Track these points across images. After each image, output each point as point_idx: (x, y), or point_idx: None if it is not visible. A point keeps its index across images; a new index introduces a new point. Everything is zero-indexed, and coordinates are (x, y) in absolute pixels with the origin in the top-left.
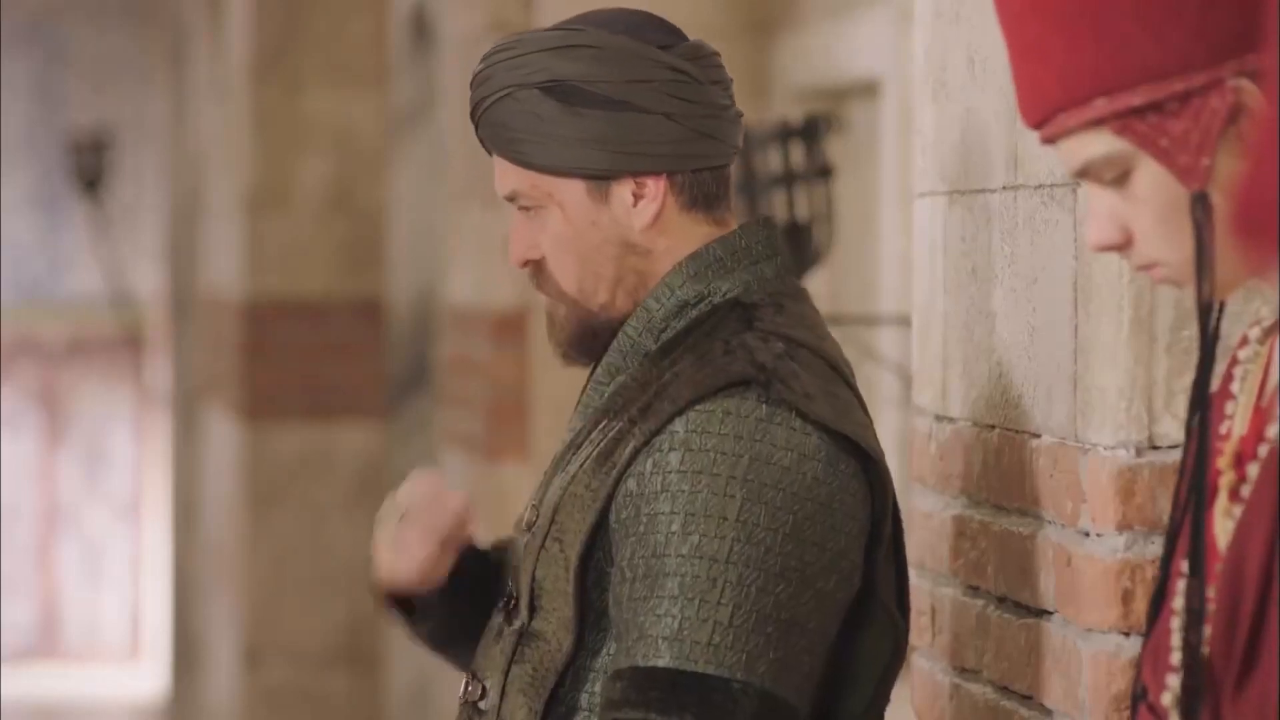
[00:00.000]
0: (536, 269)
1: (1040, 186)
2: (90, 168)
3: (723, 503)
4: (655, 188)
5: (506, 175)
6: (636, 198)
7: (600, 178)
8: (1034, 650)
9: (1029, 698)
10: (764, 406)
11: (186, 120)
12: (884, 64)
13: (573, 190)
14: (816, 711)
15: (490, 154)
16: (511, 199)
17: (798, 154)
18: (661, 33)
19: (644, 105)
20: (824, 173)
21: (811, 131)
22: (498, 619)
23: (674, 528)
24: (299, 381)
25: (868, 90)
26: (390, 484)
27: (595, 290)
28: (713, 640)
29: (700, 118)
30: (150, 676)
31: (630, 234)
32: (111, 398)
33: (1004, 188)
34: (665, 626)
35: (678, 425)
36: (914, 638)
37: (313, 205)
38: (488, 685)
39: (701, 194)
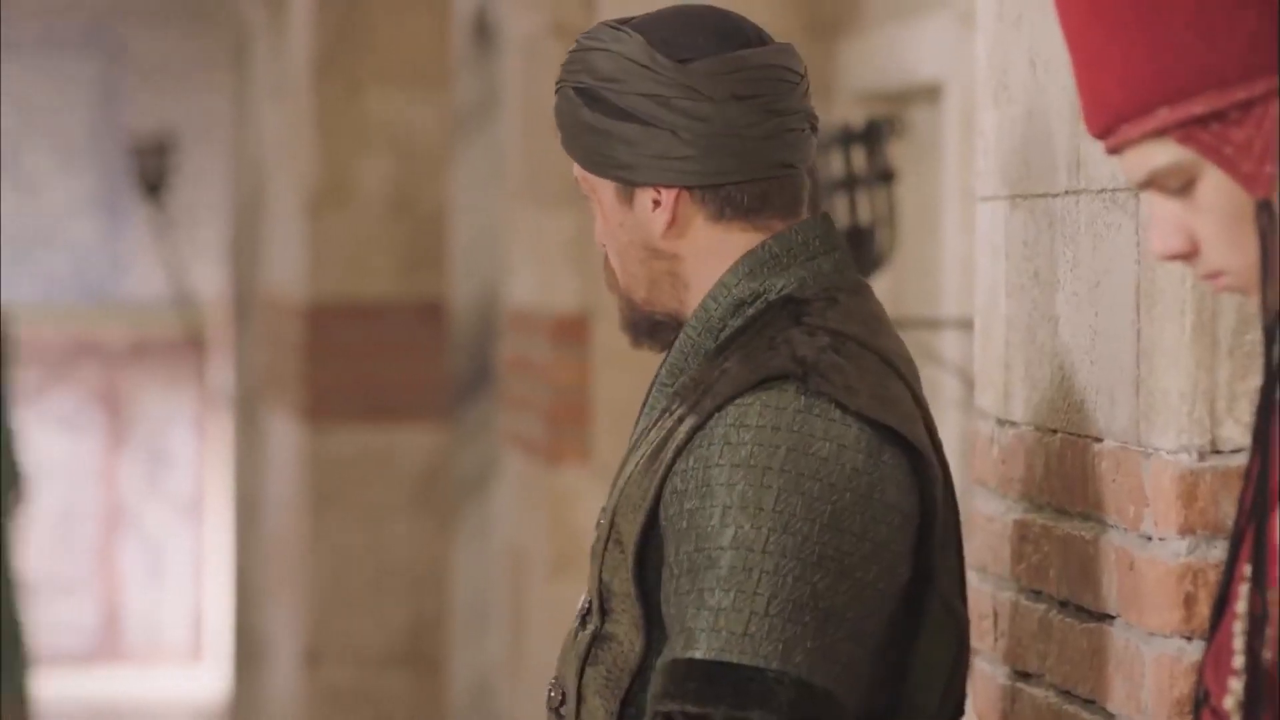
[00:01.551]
0: (606, 255)
1: (1102, 191)
2: (152, 170)
3: (760, 493)
4: (669, 198)
5: (576, 164)
6: (655, 204)
7: (625, 182)
8: (1096, 654)
9: (1091, 701)
10: (802, 398)
11: (248, 122)
12: (946, 67)
13: (606, 190)
14: (887, 707)
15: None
16: (579, 186)
17: (859, 158)
18: (704, 40)
19: (650, 119)
20: (886, 177)
21: (873, 135)
22: (575, 625)
23: (713, 521)
24: (360, 382)
25: (929, 93)
26: (450, 486)
27: (635, 286)
28: (749, 630)
29: (713, 136)
30: (211, 677)
31: (652, 239)
32: (173, 399)
33: (1066, 192)
34: (704, 618)
35: (717, 421)
36: (975, 641)
37: (374, 206)
38: (567, 691)
39: (731, 207)
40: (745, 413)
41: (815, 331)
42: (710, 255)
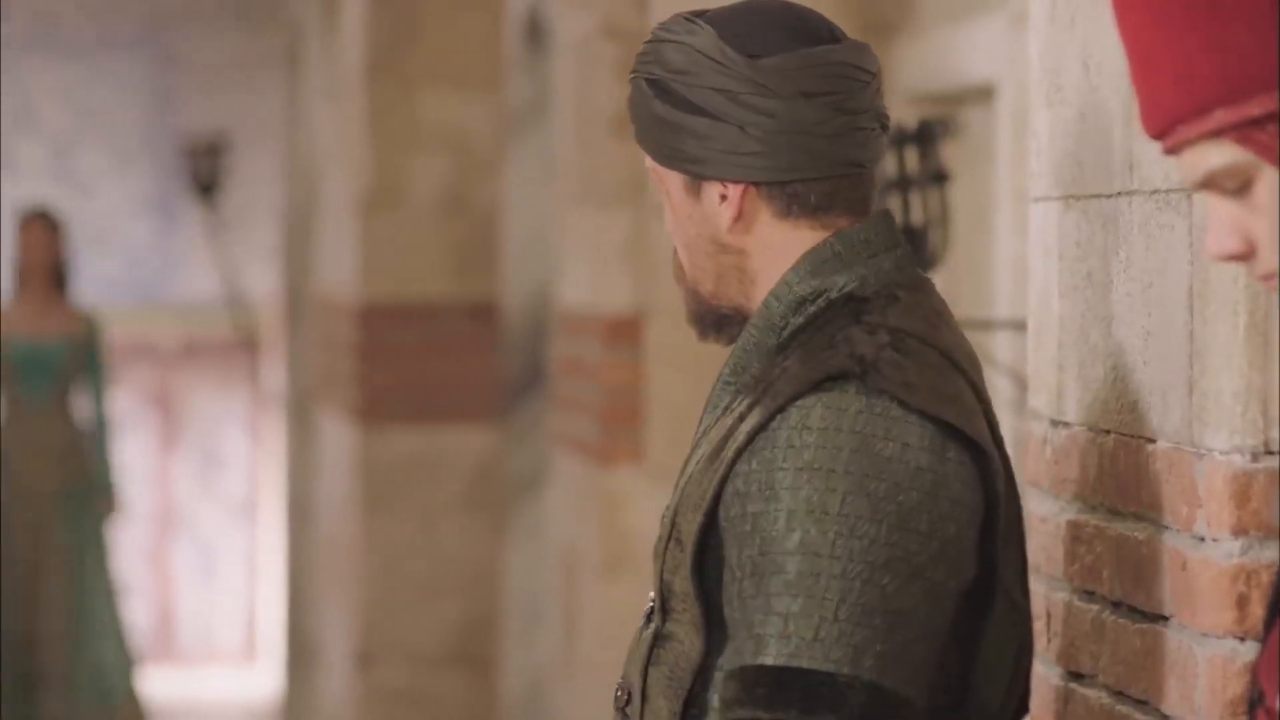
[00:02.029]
0: (674, 249)
1: (1155, 192)
2: (205, 171)
3: (825, 496)
4: (735, 193)
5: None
6: (722, 198)
7: (693, 174)
8: (1149, 654)
9: (1144, 702)
10: (863, 398)
11: (301, 123)
12: (998, 68)
13: (675, 182)
14: (953, 703)
15: None
16: (651, 177)
17: (913, 159)
18: (777, 36)
19: (719, 113)
20: (939, 177)
21: (926, 136)
22: (640, 624)
23: (778, 524)
24: (412, 383)
25: (982, 94)
26: (502, 486)
27: (702, 279)
28: (819, 635)
29: (781, 132)
30: (264, 678)
31: (719, 233)
32: (226, 400)
33: (1119, 193)
34: (772, 624)
35: (779, 422)
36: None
37: (427, 207)
38: (632, 691)
39: (798, 204)
40: (807, 414)
41: (875, 329)
42: (777, 251)
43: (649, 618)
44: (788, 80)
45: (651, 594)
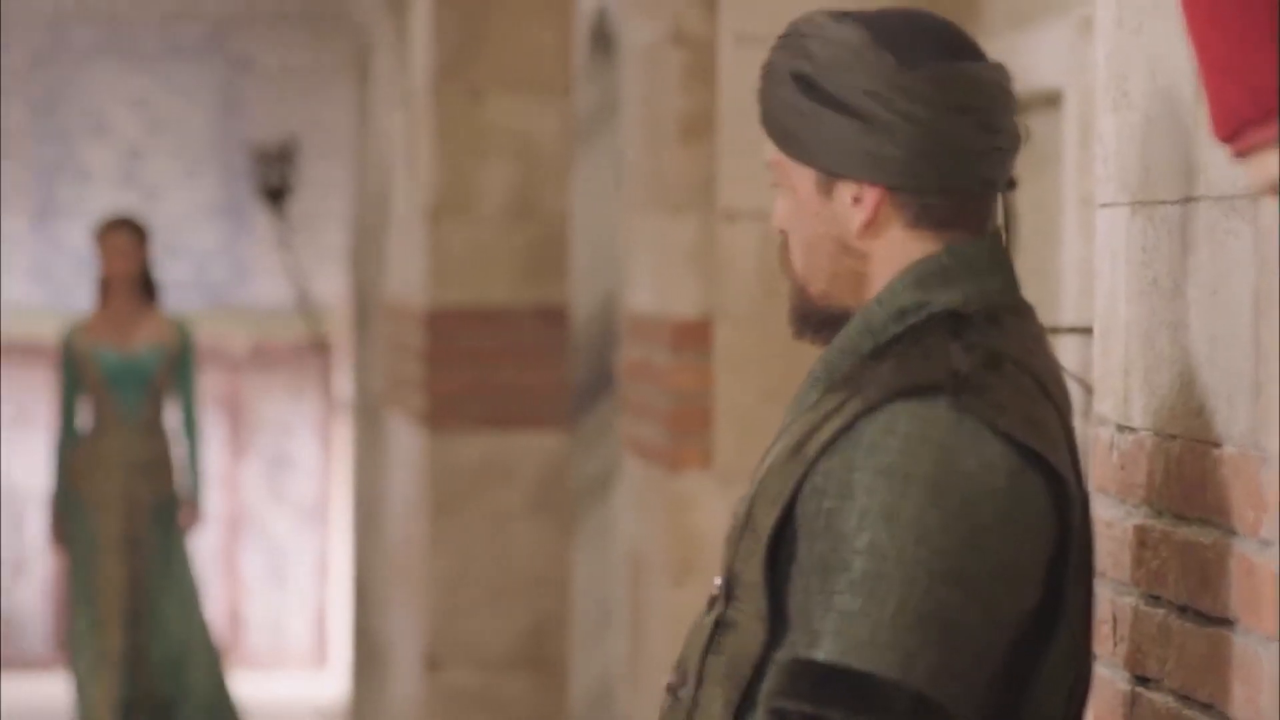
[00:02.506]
0: (784, 241)
1: (1221, 198)
2: (274, 176)
3: (900, 503)
4: (871, 197)
5: (768, 146)
6: (855, 201)
7: (828, 173)
8: (1215, 659)
9: (1210, 706)
10: (952, 413)
11: (370, 129)
12: (1065, 74)
13: (805, 178)
14: None
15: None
16: (770, 169)
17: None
18: (930, 46)
19: (869, 116)
20: (1006, 184)
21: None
22: (703, 610)
23: (851, 524)
24: (481, 388)
25: (1048, 100)
26: (571, 491)
27: (815, 278)
28: (874, 637)
29: (927, 142)
30: (334, 681)
31: (847, 235)
32: (295, 404)
33: (1185, 198)
34: (830, 620)
35: (865, 424)
36: (1095, 646)
37: (495, 213)
38: (689, 674)
39: (928, 216)
40: (894, 419)
41: (973, 348)
42: (896, 260)
43: (712, 604)
44: (940, 91)
45: (717, 580)
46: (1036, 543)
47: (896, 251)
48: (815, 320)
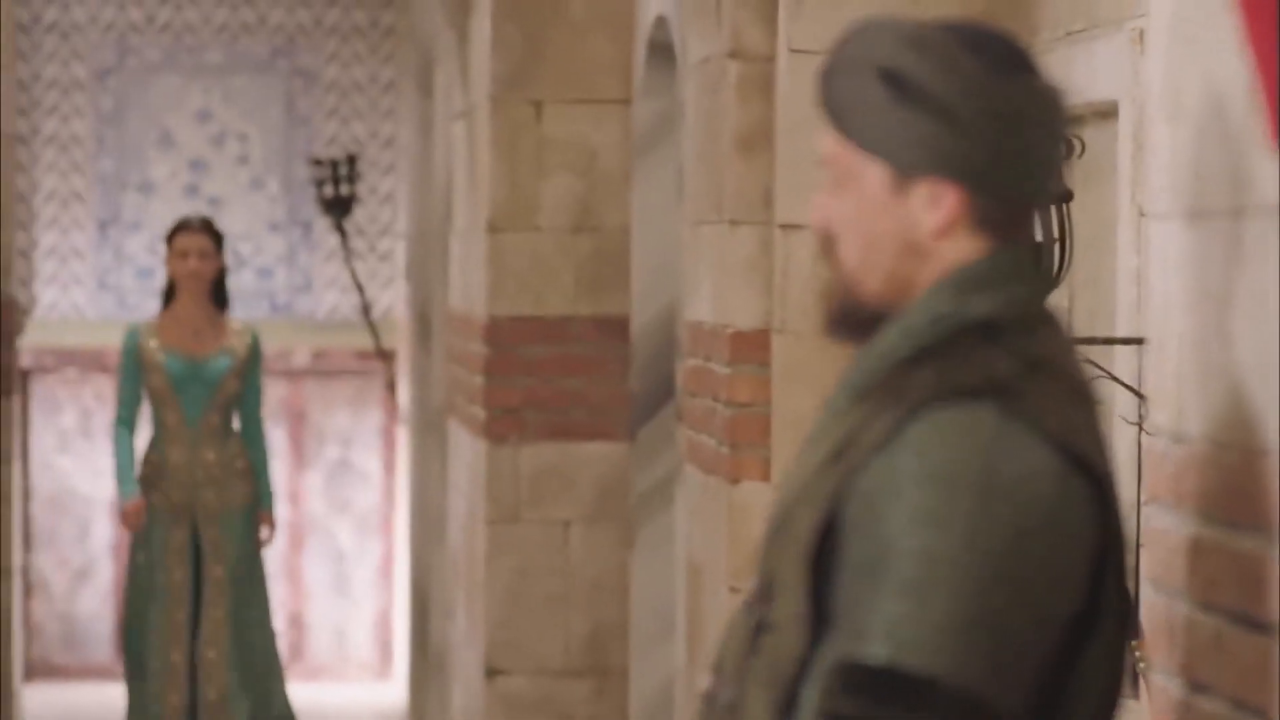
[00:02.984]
0: (827, 239)
1: (1273, 208)
2: (336, 189)
3: (950, 507)
4: (951, 198)
5: (827, 138)
6: (932, 201)
7: (905, 171)
8: (1269, 667)
9: (1262, 714)
10: (998, 417)
11: (431, 141)
12: (1119, 86)
13: (876, 174)
14: None
15: (822, 114)
16: (826, 163)
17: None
18: (1013, 56)
19: (959, 116)
20: (1061, 196)
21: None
22: (740, 613)
23: (900, 528)
24: (541, 398)
25: (1103, 112)
26: (631, 501)
27: (869, 277)
28: (924, 640)
29: (1011, 148)
30: (396, 690)
31: (917, 234)
32: (357, 414)
33: (1237, 209)
34: (881, 623)
35: (910, 429)
36: (1149, 654)
37: (556, 224)
38: (727, 677)
39: (990, 221)
40: (940, 424)
41: (1013, 353)
42: (954, 264)
43: (749, 607)
44: (1026, 100)
45: (754, 583)
46: (1081, 544)
47: (958, 255)
48: (858, 321)
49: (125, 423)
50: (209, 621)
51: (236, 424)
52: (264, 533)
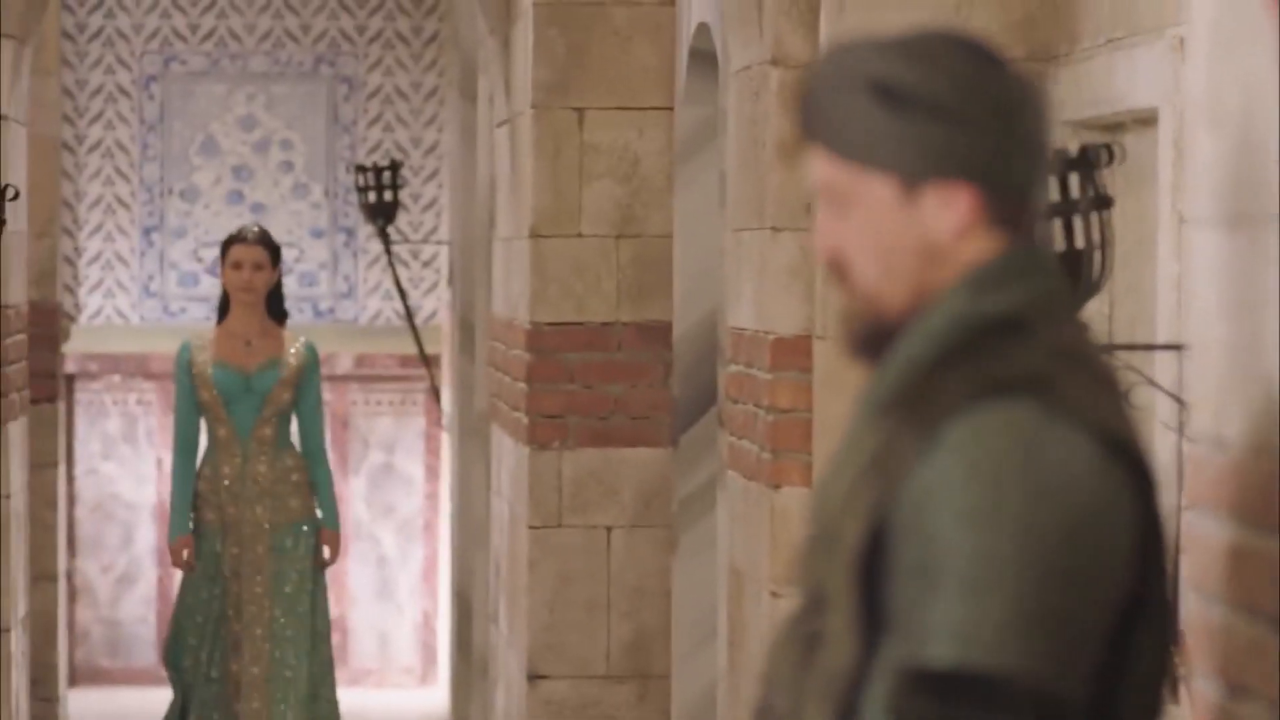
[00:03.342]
0: (838, 265)
1: None
2: (380, 195)
3: (1000, 505)
4: (965, 197)
5: (820, 164)
6: (946, 204)
7: (913, 178)
8: None
9: None
10: (1038, 411)
11: (474, 147)
12: (1160, 94)
13: (882, 188)
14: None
15: (809, 142)
16: (822, 190)
17: (1075, 184)
18: (991, 55)
19: (960, 114)
20: (1101, 203)
21: (1088, 162)
22: (789, 627)
23: (952, 529)
24: (584, 404)
25: (1144, 120)
26: (673, 506)
27: (893, 292)
28: (990, 639)
29: (1015, 139)
30: (438, 695)
31: (934, 239)
32: (400, 419)
33: (1277, 216)
34: (942, 626)
35: (952, 432)
36: (1191, 658)
37: (598, 230)
38: (780, 690)
39: (1004, 215)
40: (980, 423)
41: (1044, 348)
42: (966, 264)
43: (799, 621)
44: (1015, 90)
45: (800, 597)
46: (1127, 531)
47: (975, 254)
48: (887, 339)
49: (185, 452)
50: (251, 639)
51: (296, 438)
52: (326, 553)
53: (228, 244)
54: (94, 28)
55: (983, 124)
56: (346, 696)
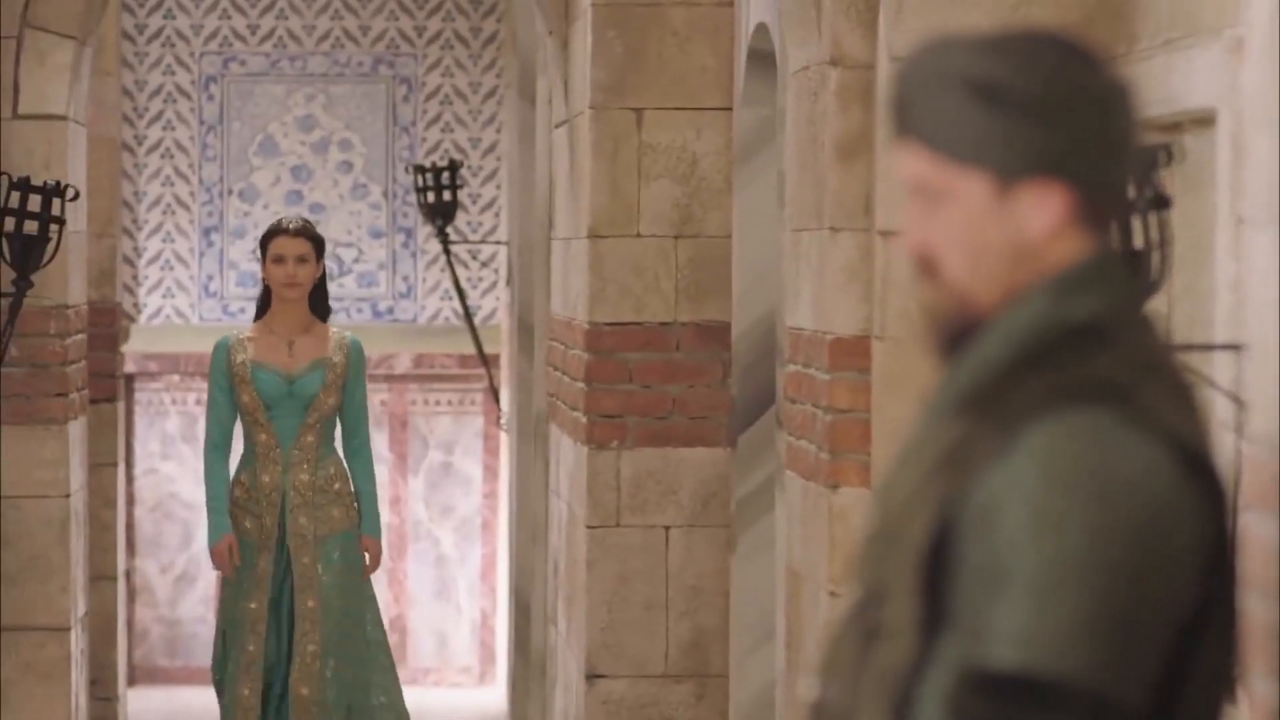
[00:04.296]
0: (926, 262)
1: None
2: (439, 196)
3: (1070, 509)
4: (1059, 195)
5: (914, 160)
6: (1040, 202)
7: (1008, 176)
8: None
9: None
10: (1113, 420)
11: (533, 148)
12: (1217, 94)
13: (977, 184)
14: None
15: (902, 138)
16: (914, 186)
17: (1133, 184)
18: (1083, 53)
19: (1057, 113)
20: (1159, 203)
21: (1146, 162)
22: (846, 622)
23: (1022, 532)
24: (642, 404)
25: (1202, 120)
26: (732, 506)
27: (984, 291)
28: (1056, 644)
29: (1108, 140)
30: (496, 694)
31: (1026, 238)
32: (459, 419)
33: None
34: (1007, 628)
35: (1027, 436)
36: (1248, 658)
37: (656, 231)
38: (837, 686)
39: (1095, 216)
40: (1057, 429)
41: (1123, 356)
42: (1057, 264)
43: (857, 616)
44: (1106, 88)
45: (859, 592)
46: (1197, 545)
47: (1066, 255)
48: (971, 336)
49: (218, 447)
50: (301, 656)
51: (339, 442)
52: (366, 559)
53: (268, 237)
54: (154, 29)
55: (1078, 123)
56: (405, 696)
